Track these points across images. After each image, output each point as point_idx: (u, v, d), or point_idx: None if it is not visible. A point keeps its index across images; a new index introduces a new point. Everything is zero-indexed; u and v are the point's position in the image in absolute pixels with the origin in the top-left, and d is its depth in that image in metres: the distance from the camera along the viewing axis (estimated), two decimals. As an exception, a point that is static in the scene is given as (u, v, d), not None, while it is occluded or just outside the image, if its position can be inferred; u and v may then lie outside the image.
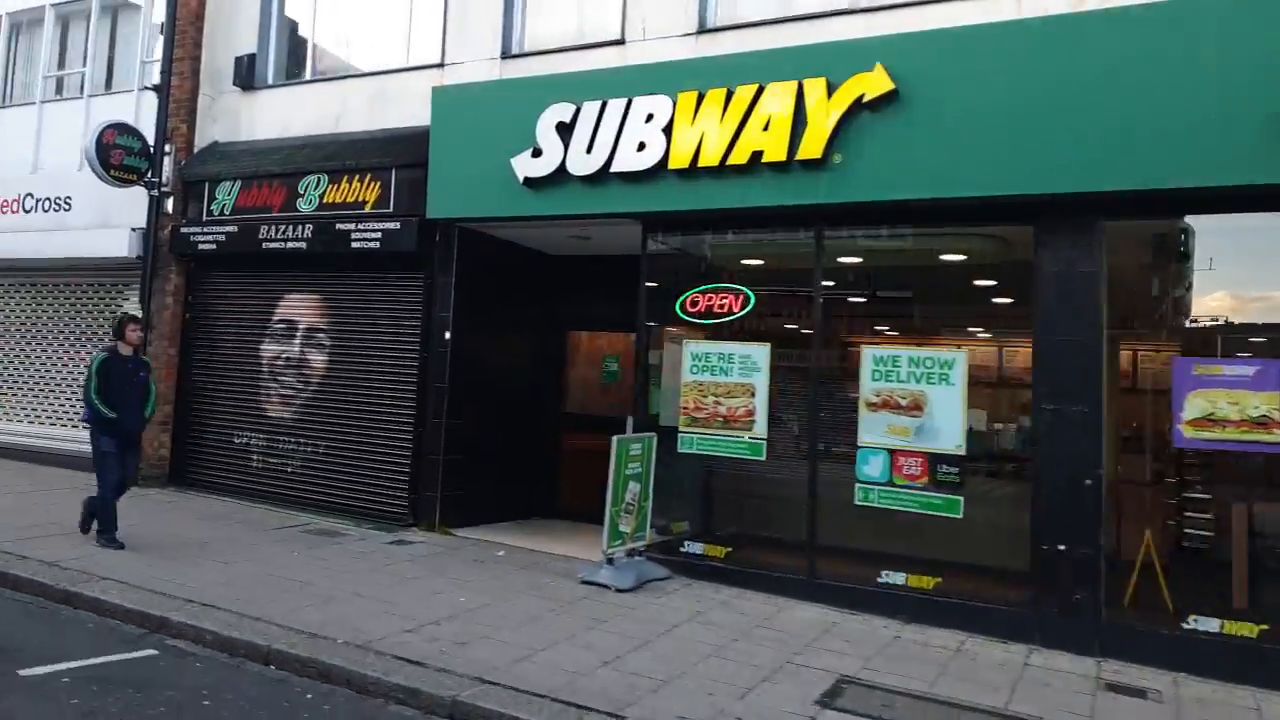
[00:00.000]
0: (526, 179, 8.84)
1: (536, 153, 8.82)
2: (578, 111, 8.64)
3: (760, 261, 8.87)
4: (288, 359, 10.62)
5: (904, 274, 8.44)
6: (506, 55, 9.95)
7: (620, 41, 9.30)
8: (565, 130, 8.69)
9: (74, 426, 12.16)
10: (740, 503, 8.50)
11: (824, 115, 7.53)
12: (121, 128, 11.07)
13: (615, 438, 7.86)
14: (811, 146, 7.55)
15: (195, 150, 11.69)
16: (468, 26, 10.14)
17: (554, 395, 11.12)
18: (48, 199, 12.51)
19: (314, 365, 10.45)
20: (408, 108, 10.36)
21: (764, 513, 8.39)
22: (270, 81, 11.68)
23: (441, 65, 10.30)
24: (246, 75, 11.53)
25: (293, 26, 11.71)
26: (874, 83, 7.36)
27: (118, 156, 11.01)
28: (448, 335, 9.66)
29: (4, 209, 12.85)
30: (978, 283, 8.36)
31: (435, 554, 8.44)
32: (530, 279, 10.86)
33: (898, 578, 7.39)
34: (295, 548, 8.35)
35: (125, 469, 8.01)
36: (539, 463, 10.85)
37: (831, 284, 8.02)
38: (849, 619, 7.15)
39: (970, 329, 8.21)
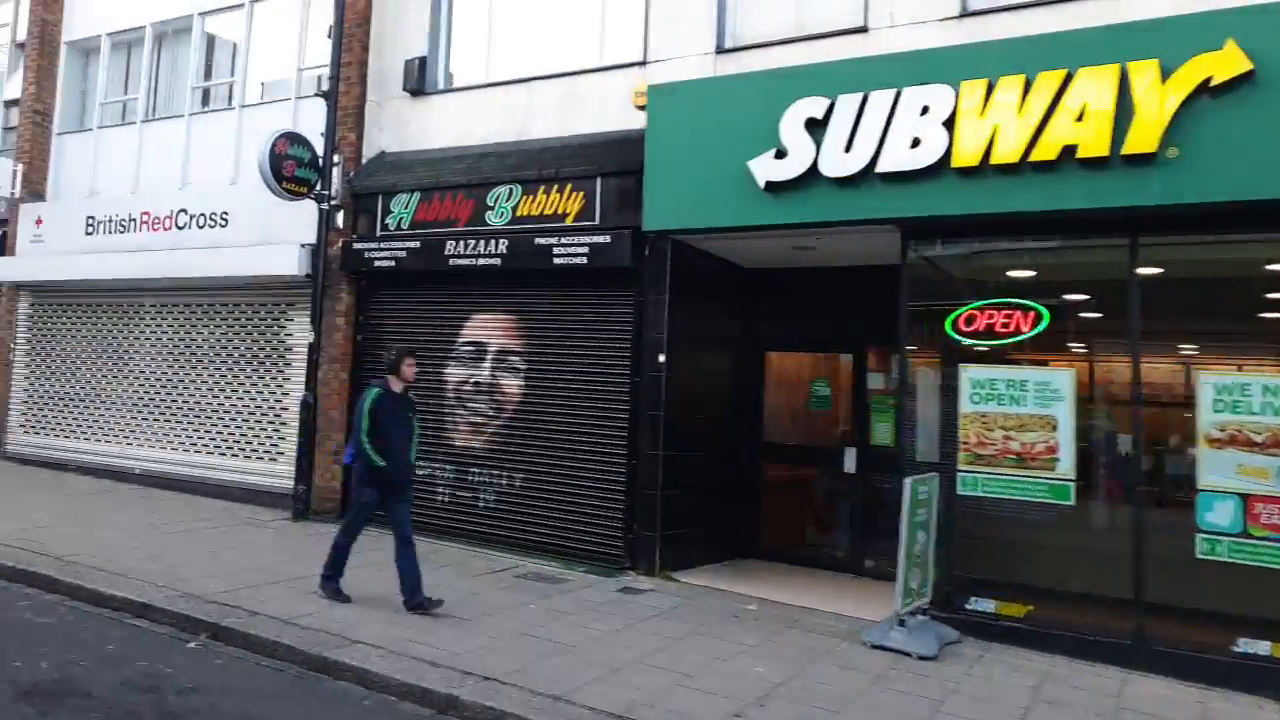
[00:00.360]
0: (769, 183, 7.90)
1: (780, 154, 7.87)
2: (832, 106, 7.67)
3: (1033, 273, 7.77)
4: (477, 384, 9.78)
5: (1230, 286, 7.29)
6: (721, 50, 9.05)
7: (862, 30, 8.34)
8: (816, 127, 7.73)
9: (234, 455, 11.48)
10: (1037, 553, 7.37)
11: (1158, 103, 6.44)
12: (292, 137, 10.39)
13: (907, 480, 6.81)
14: (1141, 139, 6.48)
15: (363, 161, 10.98)
16: (675, 20, 9.26)
17: (752, 422, 10.10)
18: (202, 215, 11.90)
19: (507, 390, 9.59)
20: (604, 110, 9.53)
21: (1069, 565, 7.26)
22: (442, 86, 10.92)
23: (643, 63, 9.43)
24: (417, 80, 10.78)
25: (467, 26, 10.93)
26: (1225, 63, 6.27)
27: (289, 168, 10.32)
28: (662, 358, 8.72)
29: (156, 226, 12.29)
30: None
31: (677, 607, 7.46)
32: (727, 294, 9.90)
33: (1260, 646, 6.23)
34: (523, 597, 7.45)
35: (398, 522, 6.94)
36: (738, 497, 9.83)
37: (1148, 299, 6.89)
38: (1208, 696, 6.01)
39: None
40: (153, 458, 12.13)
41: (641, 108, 9.17)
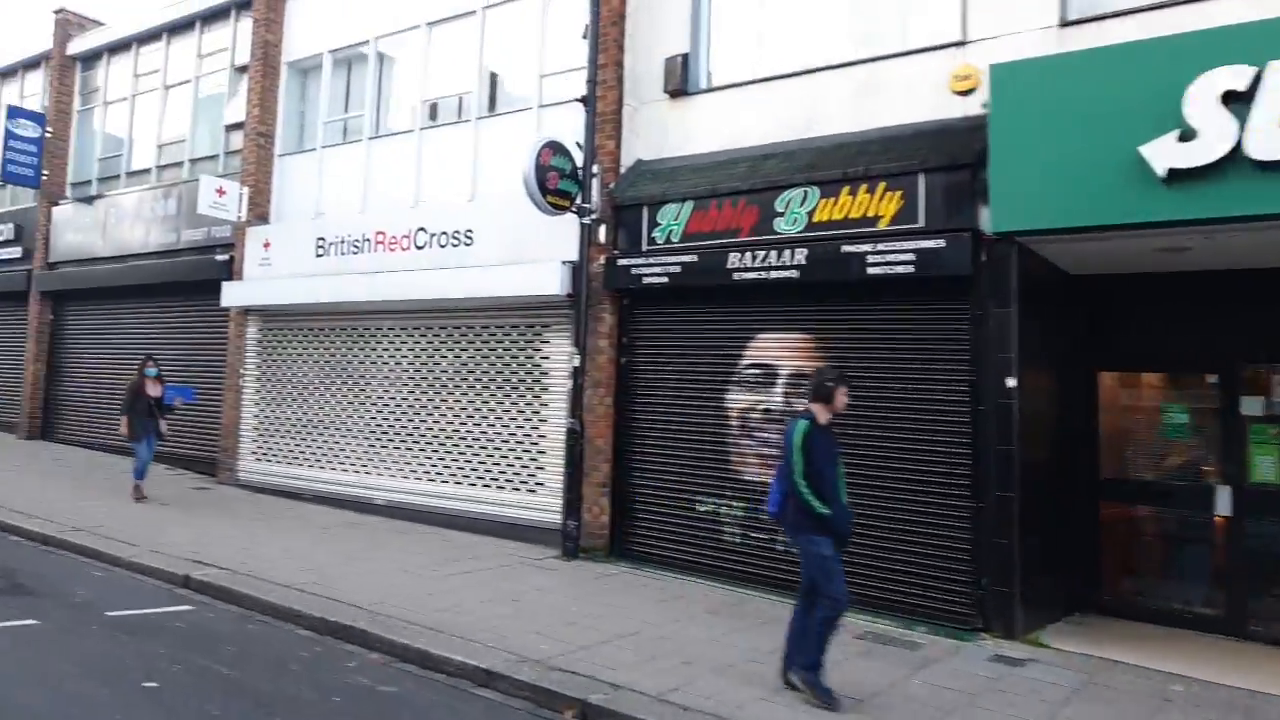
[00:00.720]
0: (1171, 171, 6.58)
1: (1185, 135, 6.53)
2: (1259, 75, 6.30)
3: None
4: (767, 410, 8.76)
5: None
6: (1067, 22, 7.78)
7: (1267, -15, 6.94)
8: (1237, 102, 6.37)
9: (486, 486, 10.79)
10: None
11: None
12: (555, 147, 9.67)
13: None
14: None
15: (621, 170, 10.17)
16: (1004, -9, 8.07)
17: (1087, 454, 8.70)
18: (443, 234, 11.35)
19: (807, 419, 8.51)
20: (912, 99, 8.42)
21: None
22: (706, 85, 10.00)
23: (961, 44, 8.25)
24: (680, 79, 9.89)
25: (732, 18, 9.98)
26: None
27: (552, 180, 9.60)
28: (1011, 382, 7.47)
29: (393, 246, 11.82)
30: None
31: (1084, 686, 6.15)
32: (1052, 304, 8.53)
33: None
34: (893, 669, 6.31)
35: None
36: (1074, 543, 8.43)
37: None
38: None
39: None
40: (395, 488, 11.61)
41: (963, 93, 8.11)
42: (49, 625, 6.40)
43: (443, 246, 11.32)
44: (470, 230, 11.11)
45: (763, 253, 8.70)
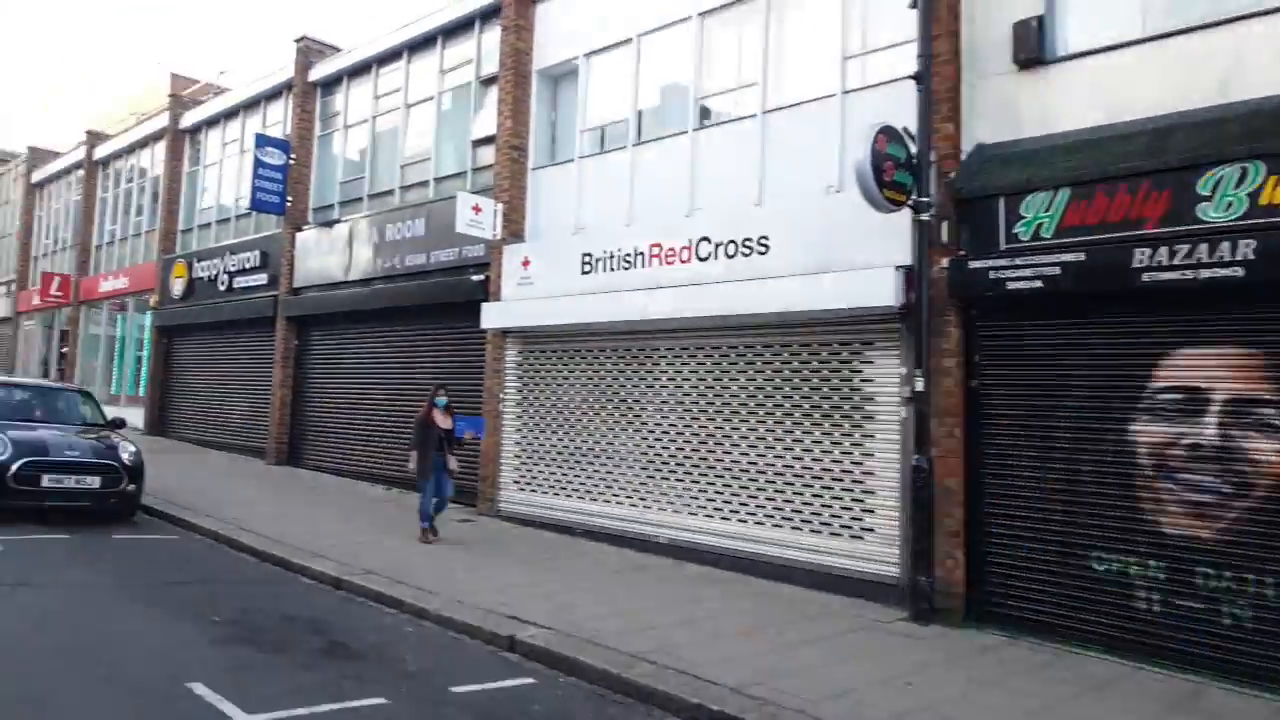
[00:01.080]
0: None
1: None
2: None
3: None
4: (1194, 447, 6.96)
5: None
6: None
7: None
8: None
9: (796, 529, 9.38)
10: None
11: None
12: (890, 133, 8.24)
13: None
14: None
15: (961, 157, 8.63)
16: None
17: None
18: (730, 242, 10.15)
19: (1257, 458, 6.67)
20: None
21: None
22: (1066, 51, 8.30)
23: None
24: (1033, 46, 8.28)
25: (1100, -31, 8.30)
26: None
27: (888, 170, 8.18)
28: None
29: (670, 259, 10.74)
30: None
31: None
32: None
33: None
34: None
35: None
36: None
37: None
38: None
39: None
40: (680, 525, 10.45)
41: None
42: (399, 707, 5.47)
43: (730, 256, 10.11)
44: (764, 237, 9.84)
45: (1185, 247, 6.93)
